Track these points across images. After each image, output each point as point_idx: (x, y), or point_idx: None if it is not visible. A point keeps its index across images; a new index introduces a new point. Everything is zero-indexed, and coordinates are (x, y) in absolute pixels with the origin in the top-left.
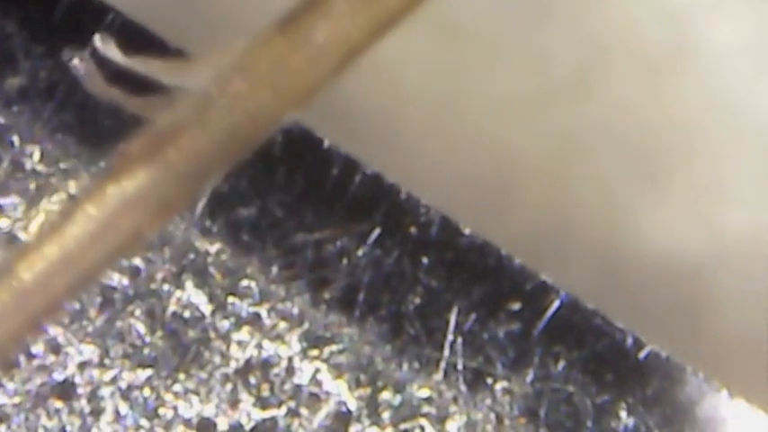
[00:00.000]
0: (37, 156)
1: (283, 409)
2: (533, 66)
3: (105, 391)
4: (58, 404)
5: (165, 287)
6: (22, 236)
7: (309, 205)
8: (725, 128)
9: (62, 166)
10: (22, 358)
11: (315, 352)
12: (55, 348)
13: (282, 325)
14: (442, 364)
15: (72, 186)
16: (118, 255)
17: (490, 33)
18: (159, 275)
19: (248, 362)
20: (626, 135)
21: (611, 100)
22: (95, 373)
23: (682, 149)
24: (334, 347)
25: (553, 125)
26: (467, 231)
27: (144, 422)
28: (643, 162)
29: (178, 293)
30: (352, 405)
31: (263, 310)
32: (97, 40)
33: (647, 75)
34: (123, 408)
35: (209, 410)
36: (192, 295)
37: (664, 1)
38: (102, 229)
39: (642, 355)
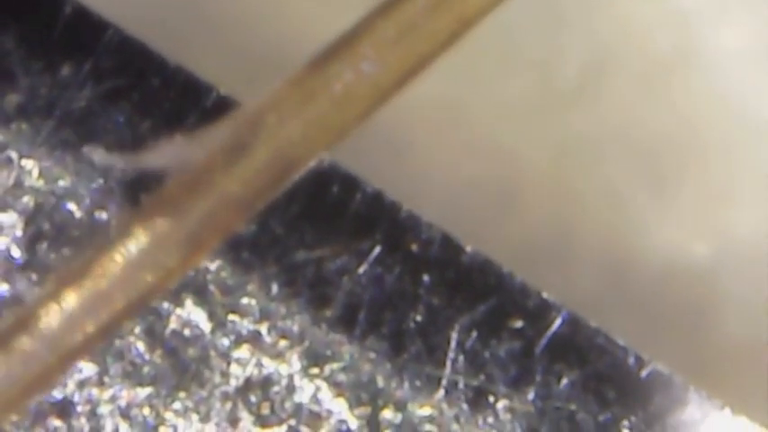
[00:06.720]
0: (36, 173)
1: (284, 428)
2: (541, 70)
3: (104, 410)
4: (57, 422)
5: (165, 305)
6: (20, 254)
7: (310, 223)
8: (733, 132)
9: (61, 183)
10: None
11: (315, 370)
12: None
13: (283, 343)
14: (444, 383)
15: (71, 204)
16: (145, 300)
17: (496, 37)
18: None
19: (248, 380)
20: (633, 139)
21: (619, 104)
22: (95, 391)
23: (689, 154)
24: (334, 365)
25: (560, 129)
26: (468, 249)
27: None
28: (650, 168)
29: (178, 311)
30: (353, 424)
31: (263, 328)
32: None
33: (655, 79)
34: (123, 426)
35: (209, 429)
36: (192, 313)
37: (671, 6)
38: (130, 273)
39: (644, 372)
